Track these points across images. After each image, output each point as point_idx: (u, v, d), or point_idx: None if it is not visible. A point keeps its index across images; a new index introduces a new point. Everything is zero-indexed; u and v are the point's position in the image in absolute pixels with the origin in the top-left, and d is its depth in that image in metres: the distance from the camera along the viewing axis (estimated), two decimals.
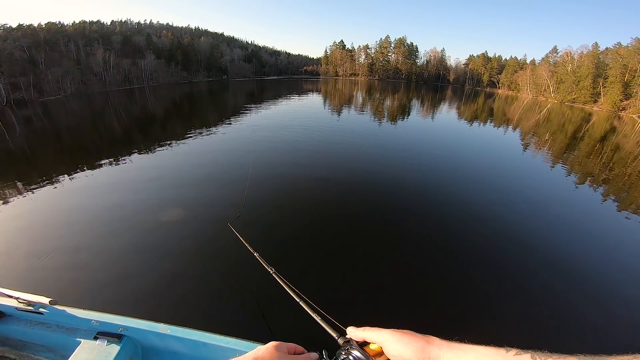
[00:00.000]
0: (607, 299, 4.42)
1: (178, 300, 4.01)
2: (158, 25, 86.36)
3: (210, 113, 23.25)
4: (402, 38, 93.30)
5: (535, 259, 5.28)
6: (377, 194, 7.72)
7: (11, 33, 39.64)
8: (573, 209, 7.89)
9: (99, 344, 1.86)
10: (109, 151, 11.62)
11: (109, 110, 25.57)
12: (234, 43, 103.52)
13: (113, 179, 8.46)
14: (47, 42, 44.29)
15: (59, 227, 5.88)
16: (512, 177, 10.08)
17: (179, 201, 6.87)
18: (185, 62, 70.12)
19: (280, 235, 5.60)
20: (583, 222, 7.17)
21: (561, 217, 7.19)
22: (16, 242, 5.33)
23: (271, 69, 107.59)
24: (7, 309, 2.09)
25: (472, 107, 35.43)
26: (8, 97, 31.25)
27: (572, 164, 12.52)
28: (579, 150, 15.41)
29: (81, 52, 49.21)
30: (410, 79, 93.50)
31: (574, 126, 26.19)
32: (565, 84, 57.27)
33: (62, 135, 15.96)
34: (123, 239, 5.43)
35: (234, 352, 1.70)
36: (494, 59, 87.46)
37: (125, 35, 62.25)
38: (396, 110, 27.53)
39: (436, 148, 13.44)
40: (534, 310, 4.14)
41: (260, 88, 51.46)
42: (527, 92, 70.13)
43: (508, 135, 18.77)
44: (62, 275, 4.46)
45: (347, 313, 3.77)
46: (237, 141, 12.75)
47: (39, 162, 10.61)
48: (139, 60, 56.88)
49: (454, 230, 6.13)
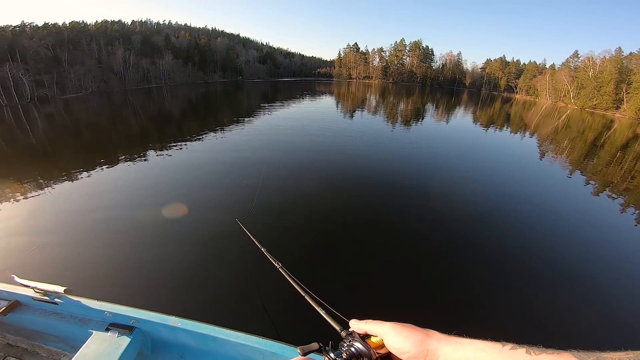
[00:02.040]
0: (613, 304, 4.29)
1: (186, 292, 4.10)
2: (176, 26, 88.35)
3: (225, 113, 23.64)
4: (417, 41, 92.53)
5: (544, 265, 5.18)
6: (383, 196, 7.69)
7: (37, 32, 41.27)
8: (589, 217, 7.64)
9: (110, 335, 1.88)
10: (126, 149, 11.97)
11: (128, 109, 26.33)
12: (250, 44, 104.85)
13: (127, 176, 8.71)
14: (71, 40, 45.96)
15: (71, 220, 6.09)
16: (528, 184, 9.83)
17: (192, 199, 7.01)
18: (202, 62, 71.49)
19: (287, 232, 5.68)
20: (599, 230, 6.93)
21: (576, 225, 6.99)
22: (33, 233, 5.54)
23: (285, 71, 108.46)
24: (23, 298, 2.13)
25: (488, 112, 34.78)
26: (32, 94, 32.53)
27: (591, 172, 12.12)
28: (598, 158, 14.91)
29: (102, 51, 50.88)
30: (425, 83, 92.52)
31: (595, 133, 25.34)
32: (586, 90, 55.50)
33: (81, 131, 16.54)
34: (135, 233, 5.59)
35: (243, 347, 1.71)
36: (512, 64, 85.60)
37: (145, 35, 63.99)
38: (410, 114, 27.31)
39: (448, 152, 13.27)
40: (536, 309, 4.06)
41: (274, 89, 51.95)
42: (545, 98, 68.34)
43: (525, 142, 18.33)
44: (76, 266, 4.63)
45: (350, 307, 3.79)
46: (250, 142, 12.92)
47: (58, 157, 11.02)
48: (158, 60, 58.36)
49: (461, 232, 6.05)
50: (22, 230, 5.64)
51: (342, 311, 0.94)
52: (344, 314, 0.88)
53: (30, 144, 13.00)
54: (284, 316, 3.68)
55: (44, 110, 25.73)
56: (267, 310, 3.82)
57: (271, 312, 3.78)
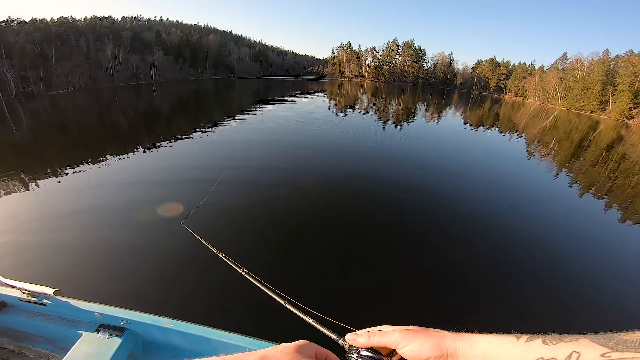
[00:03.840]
0: (603, 300, 4.41)
1: (169, 291, 4.05)
2: (168, 22, 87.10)
3: (214, 110, 23.41)
4: (410, 41, 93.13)
5: (533, 260, 5.33)
6: (367, 192, 7.74)
7: (24, 27, 40.16)
8: (574, 216, 7.85)
9: (101, 336, 1.85)
10: (112, 146, 11.73)
11: (115, 106, 25.83)
12: (242, 42, 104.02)
13: (115, 173, 8.55)
14: (59, 36, 44.85)
15: (49, 219, 5.93)
16: (514, 183, 10.01)
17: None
18: (193, 59, 70.59)
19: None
20: (583, 229, 7.12)
21: (561, 223, 7.16)
22: (18, 233, 5.39)
23: (277, 69, 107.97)
24: (9, 299, 2.08)
25: (478, 113, 35.23)
26: (17, 90, 31.68)
27: (577, 172, 12.41)
28: (584, 159, 15.27)
29: (91, 47, 49.79)
30: (417, 83, 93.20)
31: (581, 134, 25.95)
32: (574, 91, 56.74)
33: (66, 128, 16.17)
34: (116, 233, 5.48)
35: (237, 348, 1.69)
36: (502, 65, 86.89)
37: (136, 31, 62.82)
38: (401, 113, 27.48)
39: (437, 150, 13.40)
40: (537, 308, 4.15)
41: (265, 87, 51.64)
42: (534, 99, 69.58)
43: (513, 142, 18.64)
44: (57, 266, 4.52)
45: (331, 309, 3.78)
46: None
47: (42, 154, 10.75)
48: (148, 56, 57.38)
49: (450, 230, 6.13)
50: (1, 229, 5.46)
51: (324, 312, 0.90)
52: (333, 317, 0.84)
53: (13, 141, 12.64)
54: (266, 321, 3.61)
55: (29, 106, 25.05)
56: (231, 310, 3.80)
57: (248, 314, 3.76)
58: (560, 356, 0.44)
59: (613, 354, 0.40)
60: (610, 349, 0.41)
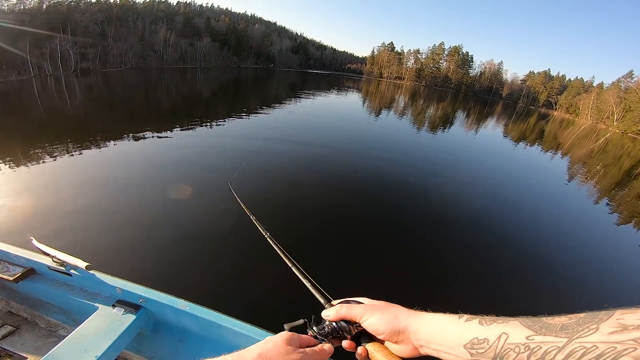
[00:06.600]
0: None
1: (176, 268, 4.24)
2: (218, 10, 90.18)
3: (253, 98, 24.15)
4: (457, 46, 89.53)
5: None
6: (391, 190, 7.73)
7: (90, 7, 43.56)
8: (610, 245, 7.37)
9: (116, 312, 1.85)
10: (155, 123, 12.57)
11: (162, 86, 27.44)
12: (285, 33, 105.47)
13: (145, 151, 9.19)
14: (119, 17, 48.12)
15: (89, 187, 6.27)
16: (551, 206, 9.50)
17: (188, 180, 7.10)
18: (237, 47, 72.83)
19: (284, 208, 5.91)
20: (618, 262, 6.69)
21: (595, 252, 6.77)
22: (54, 201, 5.57)
23: (316, 63, 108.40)
24: (38, 266, 2.07)
25: (521, 127, 33.30)
26: (76, 65, 34.61)
27: (620, 202, 11.51)
28: (630, 189, 14.07)
29: (146, 30, 52.93)
30: (460, 89, 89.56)
31: (632, 161, 23.77)
32: (634, 113, 51.80)
33: (115, 104, 17.51)
34: (135, 207, 5.72)
35: (246, 337, 1.67)
36: (557, 78, 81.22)
37: (188, 16, 65.86)
38: (438, 119, 26.71)
39: (469, 162, 12.97)
40: None
41: (302, 80, 51.99)
42: (586, 118, 64.47)
43: (555, 162, 17.55)
44: (89, 236, 4.68)
45: (335, 284, 3.94)
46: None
47: (90, 127, 11.75)
48: (196, 41, 60.01)
49: (464, 234, 6.03)
50: (43, 194, 5.75)
51: (327, 287, 1.02)
52: (328, 290, 0.97)
53: (66, 112, 13.95)
54: (270, 288, 3.87)
55: (85, 81, 27.33)
56: (251, 281, 4.00)
57: (256, 283, 3.97)
58: (492, 336, 0.47)
59: (536, 337, 0.42)
60: (534, 332, 0.42)
